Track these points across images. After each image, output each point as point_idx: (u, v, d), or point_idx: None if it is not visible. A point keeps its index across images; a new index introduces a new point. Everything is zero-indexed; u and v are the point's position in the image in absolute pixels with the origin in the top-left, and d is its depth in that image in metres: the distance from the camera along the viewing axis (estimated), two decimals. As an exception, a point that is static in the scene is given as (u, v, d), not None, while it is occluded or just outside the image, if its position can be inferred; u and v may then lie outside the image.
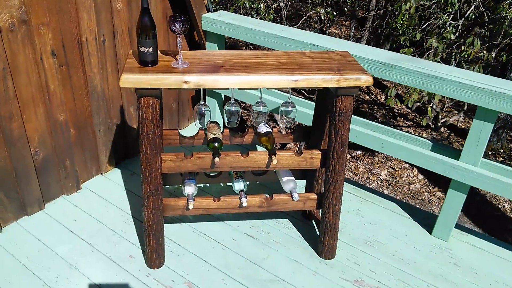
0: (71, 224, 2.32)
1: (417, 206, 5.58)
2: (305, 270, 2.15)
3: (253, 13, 4.84)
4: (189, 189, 2.12)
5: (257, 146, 2.92)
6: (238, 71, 1.74)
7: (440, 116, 7.21)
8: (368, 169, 6.49)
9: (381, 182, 6.33)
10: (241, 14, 4.68)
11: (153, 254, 2.06)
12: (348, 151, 6.32)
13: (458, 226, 2.50)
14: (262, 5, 4.16)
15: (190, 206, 2.00)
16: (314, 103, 2.34)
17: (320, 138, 2.18)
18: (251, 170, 2.04)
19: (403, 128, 7.65)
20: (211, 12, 2.71)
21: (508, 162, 6.83)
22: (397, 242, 2.37)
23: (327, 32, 6.60)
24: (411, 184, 6.32)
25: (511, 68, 6.00)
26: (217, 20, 2.61)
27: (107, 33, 2.36)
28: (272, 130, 2.13)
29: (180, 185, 2.29)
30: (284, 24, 5.18)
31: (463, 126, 7.76)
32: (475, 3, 4.24)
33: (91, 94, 2.39)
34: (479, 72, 4.07)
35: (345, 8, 6.17)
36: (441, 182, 6.11)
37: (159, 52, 1.82)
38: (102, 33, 2.32)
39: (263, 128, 2.09)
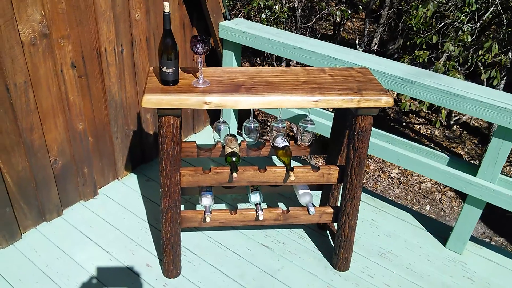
0: (89, 231, 2.36)
1: (431, 216, 5.57)
2: (319, 283, 2.17)
3: (267, 11, 4.81)
4: (206, 201, 2.14)
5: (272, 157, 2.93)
6: (258, 91, 1.74)
7: (453, 114, 7.14)
8: (379, 167, 6.48)
9: (392, 181, 6.33)
10: (255, 14, 4.66)
11: (170, 265, 2.10)
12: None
13: (472, 238, 2.50)
14: (277, 6, 4.14)
15: (207, 220, 2.02)
16: (332, 114, 2.34)
17: (337, 152, 2.19)
18: (268, 184, 2.06)
19: (415, 125, 7.60)
20: (228, 20, 2.70)
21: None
22: (411, 254, 2.38)
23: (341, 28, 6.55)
24: (422, 183, 6.30)
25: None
26: (234, 29, 2.61)
27: (126, 43, 2.37)
28: (289, 143, 2.14)
29: (197, 195, 2.32)
30: (298, 23, 5.15)
31: (476, 124, 7.69)
32: (494, 4, 4.17)
33: (109, 103, 2.41)
34: (496, 76, 4.02)
35: (360, 6, 6.10)
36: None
37: (179, 69, 1.83)
38: (120, 43, 2.34)
39: (280, 141, 2.10)
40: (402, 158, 2.37)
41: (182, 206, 2.59)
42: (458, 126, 7.63)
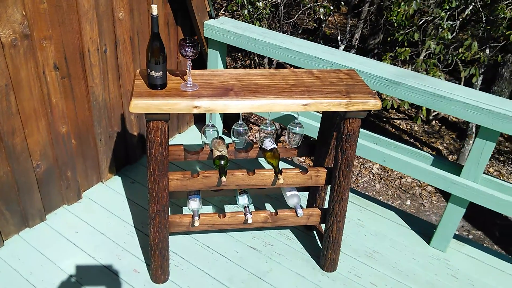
0: (73, 236, 2.31)
1: (411, 211, 5.67)
2: (307, 284, 2.18)
3: (249, 7, 4.78)
4: (194, 204, 2.12)
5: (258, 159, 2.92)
6: (247, 95, 1.73)
7: (432, 109, 7.26)
8: (360, 163, 6.55)
9: (373, 176, 6.41)
10: (237, 10, 4.62)
11: (158, 270, 2.08)
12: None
13: (455, 235, 2.55)
14: (260, 2, 4.11)
15: (196, 224, 2.01)
16: (320, 115, 2.34)
17: (325, 154, 2.20)
18: (257, 187, 2.05)
19: (395, 120, 7.71)
20: (213, 18, 2.67)
21: (496, 156, 6.96)
22: (397, 253, 2.42)
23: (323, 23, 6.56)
24: (402, 178, 6.40)
25: (503, 65, 6.07)
26: (219, 28, 2.58)
27: (109, 43, 2.32)
28: (276, 145, 2.13)
29: (183, 198, 2.29)
30: (281, 19, 5.14)
31: (454, 119, 7.85)
32: (473, 1, 4.24)
33: (93, 104, 2.36)
34: (475, 73, 4.10)
35: (342, 1, 6.12)
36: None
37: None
38: (104, 43, 2.28)
39: (268, 144, 2.09)
40: (388, 158, 2.39)
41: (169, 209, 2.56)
42: (437, 121, 7.78)
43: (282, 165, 2.91)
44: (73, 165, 2.39)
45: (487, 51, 5.20)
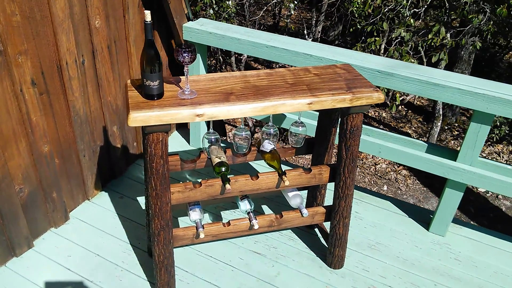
0: (66, 261, 2.17)
1: (410, 203, 5.75)
2: (318, 284, 2.15)
3: (214, 6, 4.68)
4: (195, 215, 2.03)
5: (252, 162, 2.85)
6: (250, 98, 1.65)
7: (397, 95, 7.41)
8: (334, 153, 6.60)
9: (349, 165, 6.46)
10: (203, 10, 4.51)
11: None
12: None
13: (452, 220, 2.58)
14: (230, 1, 4.02)
15: (201, 236, 1.92)
16: (317, 113, 2.30)
17: (324, 151, 2.16)
18: (261, 192, 1.99)
19: (364, 109, 7.81)
20: (191, 20, 2.57)
21: (462, 135, 7.21)
22: (399, 242, 2.42)
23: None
24: (377, 164, 6.50)
25: (461, 48, 6.28)
26: (199, 30, 2.48)
27: (86, 53, 2.18)
28: (275, 146, 2.07)
29: (178, 209, 2.20)
30: (247, 15, 5.07)
31: (418, 103, 8.05)
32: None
33: (74, 119, 2.22)
34: (444, 58, 4.19)
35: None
36: (406, 161, 6.29)
37: (161, 80, 1.69)
38: (81, 54, 2.14)
39: (267, 145, 2.03)
40: (383, 149, 2.38)
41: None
42: (403, 106, 7.95)
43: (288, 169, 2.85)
44: (58, 185, 2.24)
45: (448, 35, 5.34)
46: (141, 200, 2.58)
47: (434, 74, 2.13)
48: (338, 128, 2.12)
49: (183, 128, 3.22)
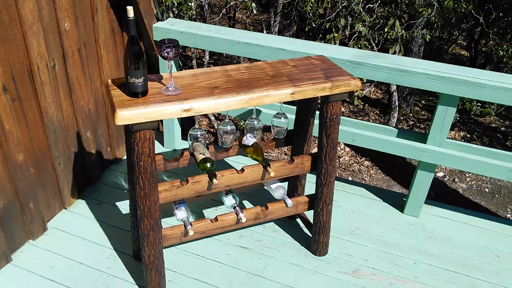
0: (49, 273, 2.10)
1: (384, 188, 5.94)
2: (305, 272, 2.19)
3: (174, 9, 4.66)
4: (182, 213, 2.03)
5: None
6: (234, 91, 1.68)
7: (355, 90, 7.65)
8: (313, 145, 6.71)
9: (315, 161, 6.60)
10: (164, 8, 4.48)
11: (156, 288, 1.96)
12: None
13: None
14: (193, 3, 4.02)
15: (191, 233, 1.92)
16: (295, 107, 2.35)
17: (303, 142, 2.21)
18: (246, 185, 2.01)
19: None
20: (161, 21, 2.56)
21: (417, 125, 7.55)
22: (377, 226, 2.52)
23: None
24: (340, 157, 6.68)
25: (411, 41, 6.59)
26: (170, 30, 2.48)
27: (57, 57, 2.12)
28: (256, 139, 2.10)
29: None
30: (206, 16, 5.07)
31: (374, 96, 8.34)
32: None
33: (47, 126, 2.15)
34: (401, 49, 4.38)
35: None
36: (366, 152, 6.53)
37: (143, 79, 1.68)
38: (52, 58, 2.08)
39: (249, 139, 2.06)
40: (357, 137, 2.47)
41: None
42: (360, 101, 8.21)
43: (272, 161, 2.88)
44: (35, 195, 2.17)
45: (398, 29, 5.59)
46: (120, 205, 2.53)
47: (402, 61, 2.24)
48: (315, 119, 2.19)
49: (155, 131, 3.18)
